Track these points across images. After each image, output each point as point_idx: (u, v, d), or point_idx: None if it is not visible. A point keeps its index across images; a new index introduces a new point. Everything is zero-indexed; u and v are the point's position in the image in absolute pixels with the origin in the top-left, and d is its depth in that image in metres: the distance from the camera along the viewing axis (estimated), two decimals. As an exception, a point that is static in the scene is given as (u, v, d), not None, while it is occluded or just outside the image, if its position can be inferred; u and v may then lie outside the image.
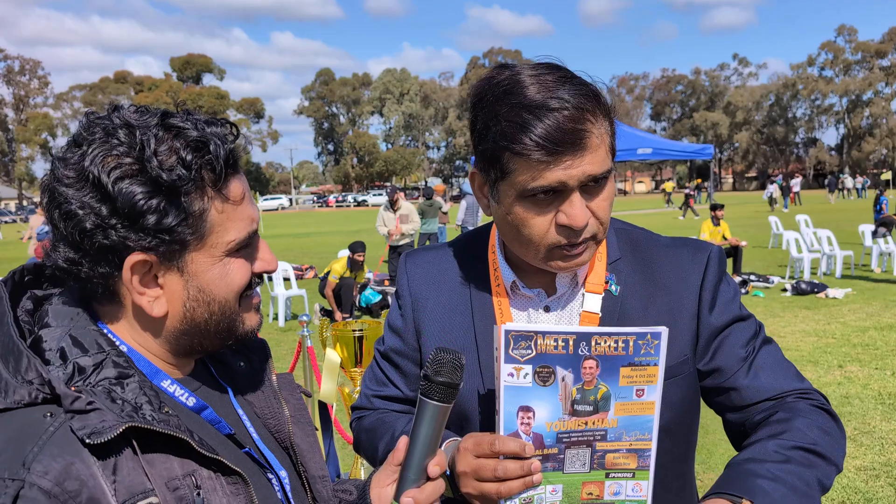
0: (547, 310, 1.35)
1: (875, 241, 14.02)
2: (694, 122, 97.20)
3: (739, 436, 1.31)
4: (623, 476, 1.18)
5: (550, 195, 1.17)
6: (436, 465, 1.08)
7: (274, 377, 1.24)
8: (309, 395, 1.32)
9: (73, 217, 0.92)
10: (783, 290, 12.29)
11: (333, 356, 3.94)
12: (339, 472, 4.26)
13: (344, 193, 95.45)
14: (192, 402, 1.05)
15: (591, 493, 1.18)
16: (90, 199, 0.91)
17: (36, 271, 1.07)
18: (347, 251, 11.26)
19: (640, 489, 1.19)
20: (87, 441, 0.86)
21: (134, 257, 0.94)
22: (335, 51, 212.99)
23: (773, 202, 38.54)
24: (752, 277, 13.16)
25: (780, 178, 48.20)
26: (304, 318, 4.65)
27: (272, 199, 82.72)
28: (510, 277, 1.35)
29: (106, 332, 1.01)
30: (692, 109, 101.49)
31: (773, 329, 9.19)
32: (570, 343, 1.12)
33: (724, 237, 13.21)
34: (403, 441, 1.10)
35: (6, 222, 62.57)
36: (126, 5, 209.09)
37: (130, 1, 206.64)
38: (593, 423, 1.15)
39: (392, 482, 1.12)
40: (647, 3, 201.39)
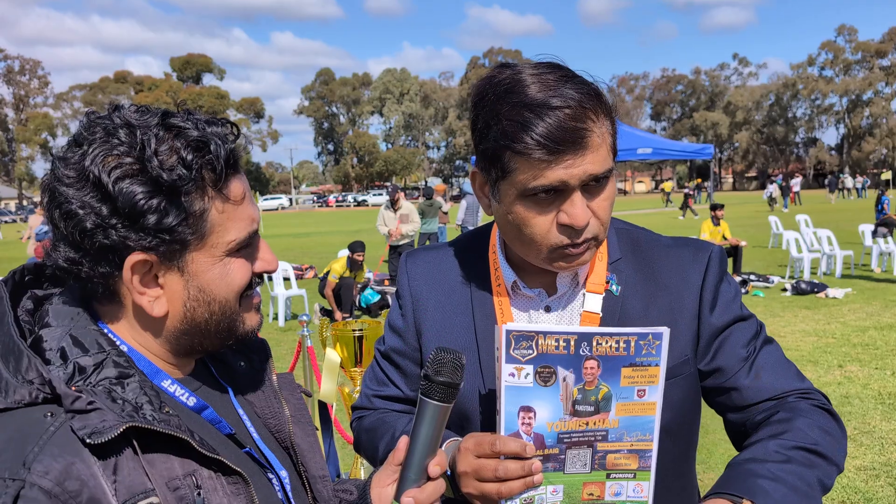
0: (548, 310, 1.34)
1: (875, 240, 14.02)
2: (694, 122, 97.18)
3: (740, 436, 1.31)
4: (624, 477, 1.18)
5: (552, 194, 1.17)
6: (436, 465, 1.08)
7: (274, 377, 1.24)
8: (309, 394, 1.31)
9: (73, 217, 0.92)
10: (783, 289, 12.29)
11: (333, 356, 3.94)
12: (339, 472, 4.26)
13: (344, 193, 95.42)
14: (192, 401, 1.05)
15: (592, 494, 1.18)
16: (90, 199, 0.91)
17: (36, 271, 1.07)
18: (347, 251, 11.27)
19: (642, 490, 1.19)
20: (87, 441, 0.86)
21: (134, 257, 0.94)
22: (335, 50, 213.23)
23: (773, 202, 38.51)
24: (752, 277, 13.16)
25: (780, 177, 48.21)
26: (304, 317, 4.64)
27: (272, 198, 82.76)
28: (511, 277, 1.35)
29: (106, 331, 1.00)
30: (692, 109, 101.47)
31: (773, 329, 9.19)
32: (572, 343, 1.12)
33: (724, 237, 13.20)
34: (404, 441, 1.10)
35: (6, 222, 62.59)
36: (126, 5, 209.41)
37: (130, 0, 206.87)
38: (594, 423, 1.15)
39: (392, 482, 1.12)
40: (647, 2, 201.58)
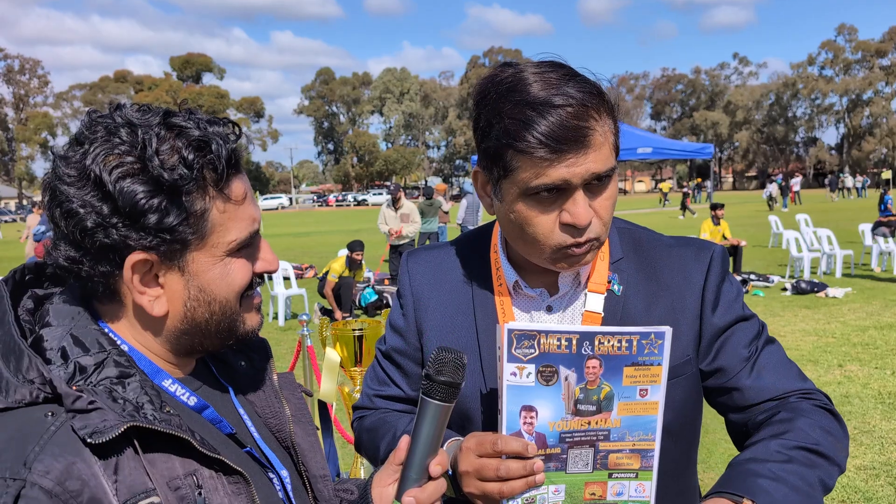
0: (549, 309, 1.34)
1: (875, 240, 14.01)
2: (694, 122, 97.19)
3: (742, 436, 1.30)
4: (626, 476, 1.18)
5: (554, 193, 1.16)
6: (437, 465, 1.08)
7: (275, 376, 1.24)
8: (310, 394, 1.31)
9: (74, 215, 0.91)
10: (783, 289, 12.29)
11: (333, 355, 3.94)
12: (339, 472, 4.26)
13: (344, 193, 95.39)
14: (193, 401, 1.04)
15: (593, 494, 1.18)
16: (91, 198, 0.91)
17: (37, 270, 1.07)
18: (346, 250, 11.26)
19: (644, 489, 1.18)
20: (88, 441, 0.86)
21: (135, 256, 0.94)
22: (335, 50, 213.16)
23: (773, 201, 38.46)
24: (752, 277, 13.15)
25: (780, 177, 48.20)
26: (304, 317, 4.65)
27: (272, 198, 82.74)
28: (512, 277, 1.35)
29: (107, 331, 1.00)
30: (692, 109, 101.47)
31: (773, 328, 9.19)
32: (574, 342, 1.11)
33: (724, 237, 13.20)
34: (405, 440, 1.09)
35: (6, 221, 62.65)
36: (126, 4, 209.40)
37: (130, 0, 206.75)
38: (596, 422, 1.15)
39: (393, 482, 1.11)
40: (647, 2, 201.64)
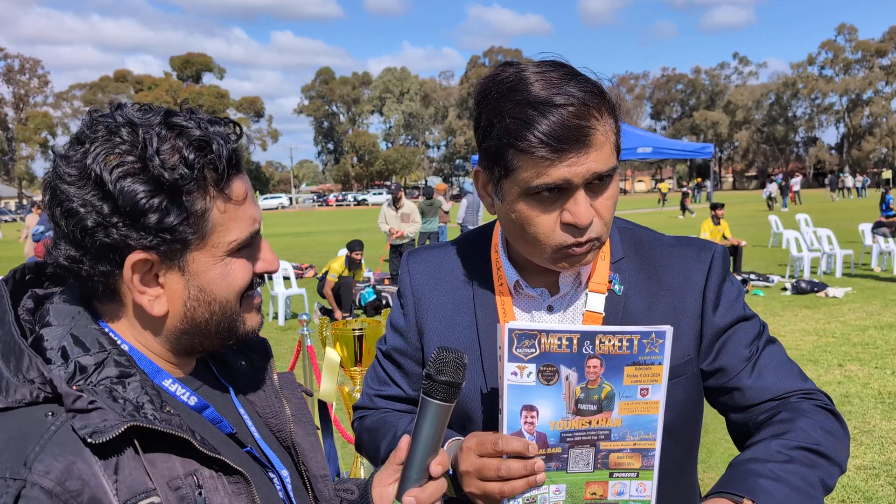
0: (550, 309, 1.34)
1: (875, 239, 14.01)
2: (694, 121, 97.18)
3: (743, 436, 1.30)
4: (627, 476, 1.17)
5: (555, 193, 1.16)
6: (438, 465, 1.08)
7: (275, 376, 1.24)
8: (310, 394, 1.31)
9: (74, 215, 0.91)
10: (783, 289, 12.29)
11: (333, 355, 3.93)
12: (339, 471, 4.26)
13: (344, 192, 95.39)
14: (193, 401, 1.04)
15: (594, 493, 1.17)
16: (92, 197, 0.91)
17: (37, 270, 1.07)
18: (346, 250, 11.26)
19: (644, 489, 1.18)
20: (88, 440, 0.86)
21: (135, 256, 0.94)
22: (335, 50, 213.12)
23: (773, 201, 38.42)
24: (752, 276, 13.15)
25: (780, 177, 48.19)
26: (304, 317, 4.64)
27: (272, 198, 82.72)
28: (513, 277, 1.34)
29: (107, 330, 1.00)
30: (692, 108, 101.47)
31: (774, 328, 9.19)
32: (574, 342, 1.11)
33: (724, 236, 13.20)
34: (405, 440, 1.09)
35: (6, 221, 62.66)
36: (126, 4, 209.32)
37: (130, 0, 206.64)
38: (597, 422, 1.14)
39: (394, 481, 1.11)
40: (647, 2, 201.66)
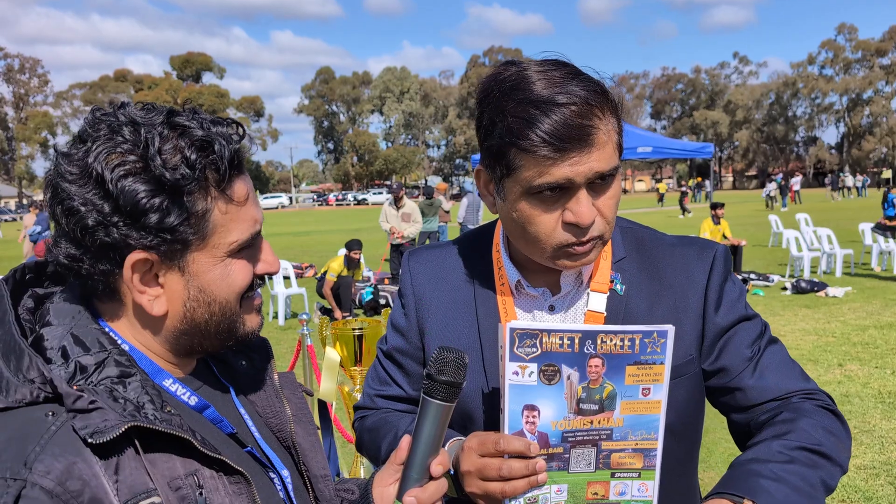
0: (551, 309, 1.33)
1: (875, 239, 14.01)
2: (694, 121, 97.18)
3: (744, 436, 1.30)
4: (629, 476, 1.17)
5: (557, 192, 1.16)
6: (439, 465, 1.07)
7: (276, 376, 1.23)
8: (311, 393, 1.31)
9: (75, 213, 0.91)
10: (783, 288, 12.29)
11: (333, 355, 3.93)
12: (339, 471, 4.26)
13: (344, 192, 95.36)
14: (193, 401, 1.04)
15: (596, 493, 1.17)
16: (93, 196, 0.91)
17: (37, 269, 1.07)
18: (345, 250, 11.26)
19: (646, 489, 1.18)
20: (89, 440, 0.86)
21: (135, 255, 0.94)
22: (335, 49, 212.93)
23: (773, 201, 38.39)
24: (753, 276, 13.15)
25: (780, 176, 48.20)
26: (304, 316, 4.63)
27: (272, 197, 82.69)
28: (515, 276, 1.34)
29: (107, 330, 1.00)
30: (692, 108, 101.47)
31: (774, 328, 9.16)
32: (576, 341, 1.11)
33: (724, 236, 13.20)
34: (406, 440, 1.09)
35: (6, 220, 62.65)
36: (126, 3, 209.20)
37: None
38: (599, 422, 1.14)
39: (394, 481, 1.11)
40: (647, 2, 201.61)
